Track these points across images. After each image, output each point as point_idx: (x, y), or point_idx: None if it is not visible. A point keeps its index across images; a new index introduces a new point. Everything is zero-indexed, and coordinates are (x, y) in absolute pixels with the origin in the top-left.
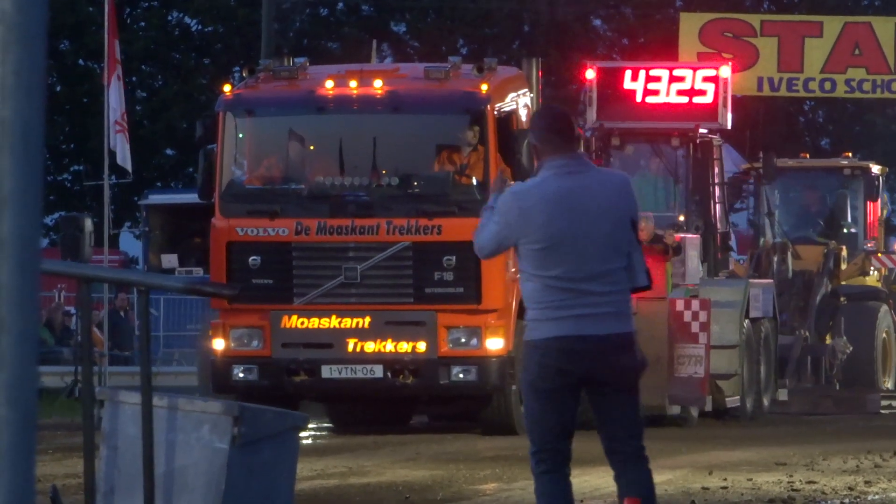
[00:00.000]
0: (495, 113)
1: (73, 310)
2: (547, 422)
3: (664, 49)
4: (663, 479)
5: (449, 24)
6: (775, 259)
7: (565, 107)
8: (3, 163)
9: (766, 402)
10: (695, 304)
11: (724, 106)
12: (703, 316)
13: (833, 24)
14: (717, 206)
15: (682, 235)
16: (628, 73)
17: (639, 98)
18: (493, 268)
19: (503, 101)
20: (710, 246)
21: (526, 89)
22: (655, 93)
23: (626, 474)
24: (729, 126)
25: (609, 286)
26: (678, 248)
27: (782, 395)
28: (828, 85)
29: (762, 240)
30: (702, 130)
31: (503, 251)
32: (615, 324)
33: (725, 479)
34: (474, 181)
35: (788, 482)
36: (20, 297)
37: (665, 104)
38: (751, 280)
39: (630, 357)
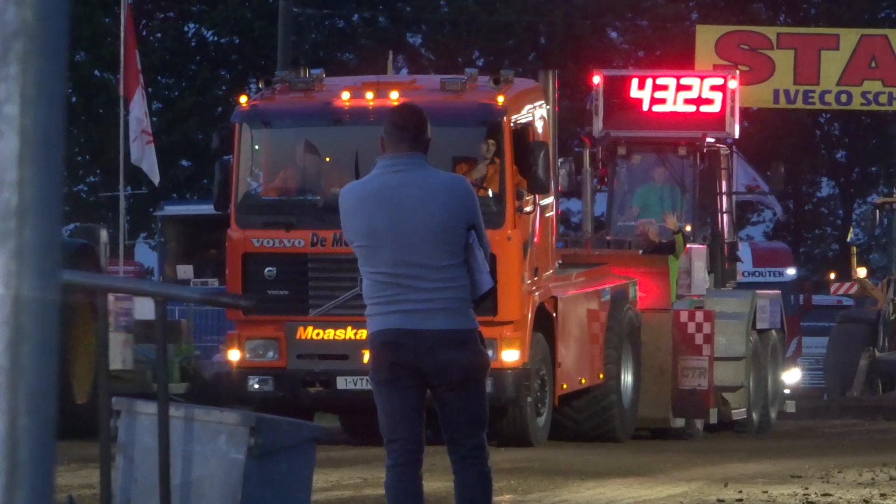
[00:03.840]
0: (511, 125)
1: None
2: (390, 412)
3: (680, 61)
4: (678, 490)
5: (465, 37)
6: None
7: (415, 106)
8: (24, 172)
9: (773, 414)
10: (699, 315)
11: (732, 115)
12: (707, 328)
13: (849, 37)
14: (725, 217)
15: (689, 246)
16: (635, 82)
17: (645, 107)
18: (509, 280)
19: (519, 113)
20: (717, 257)
21: (542, 101)
22: (662, 101)
23: (460, 474)
24: (736, 135)
25: (440, 283)
26: (685, 235)
27: (790, 406)
28: (844, 97)
29: None
30: (709, 140)
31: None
32: (446, 320)
33: (741, 492)
34: (490, 193)
35: (804, 494)
36: (40, 306)
37: (672, 113)
38: (758, 291)
39: (462, 353)
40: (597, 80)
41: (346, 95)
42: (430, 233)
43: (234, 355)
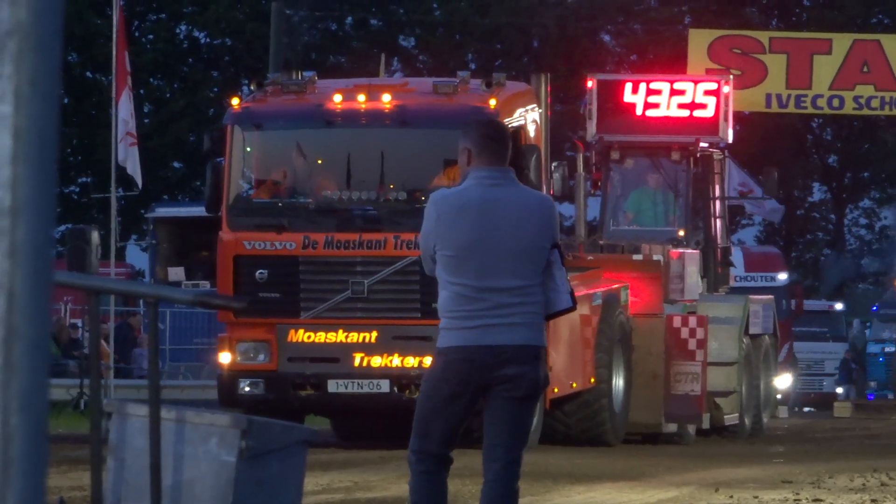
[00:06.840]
0: None
1: (79, 322)
2: (435, 428)
3: (673, 65)
4: (669, 495)
5: (458, 39)
6: None
7: (499, 121)
8: (18, 171)
9: (765, 419)
10: (692, 320)
11: (726, 120)
12: (700, 333)
13: (842, 42)
14: (718, 221)
15: (682, 250)
16: (629, 86)
17: (639, 111)
18: None
19: (511, 116)
20: (710, 261)
21: (534, 105)
22: (656, 106)
23: (491, 485)
24: (730, 140)
25: (519, 299)
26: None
27: (782, 412)
28: (836, 102)
29: None
30: (702, 144)
31: (431, 260)
32: (523, 334)
33: (732, 497)
34: None
35: (795, 500)
36: (33, 305)
37: (665, 118)
38: (750, 296)
39: (533, 369)
40: (590, 84)
41: (338, 98)
42: (518, 250)
43: (225, 358)
